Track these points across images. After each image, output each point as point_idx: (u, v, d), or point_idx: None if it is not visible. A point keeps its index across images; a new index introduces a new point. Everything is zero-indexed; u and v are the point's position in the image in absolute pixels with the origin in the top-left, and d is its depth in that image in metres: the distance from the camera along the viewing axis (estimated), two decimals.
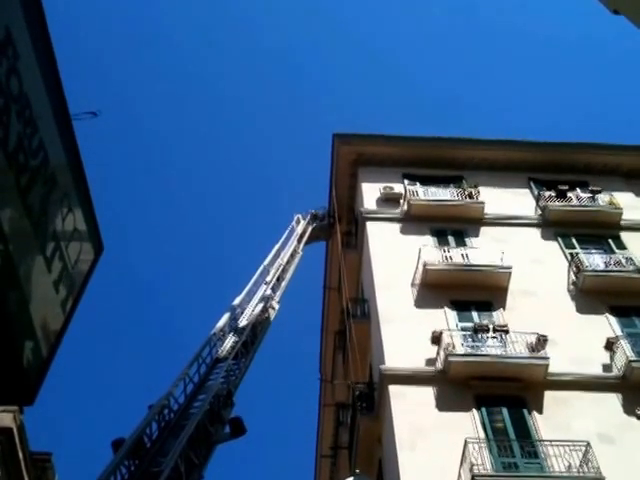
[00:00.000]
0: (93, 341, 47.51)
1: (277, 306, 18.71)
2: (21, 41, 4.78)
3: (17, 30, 4.73)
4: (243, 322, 17.16)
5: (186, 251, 52.76)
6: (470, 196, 21.98)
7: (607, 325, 17.91)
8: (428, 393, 16.04)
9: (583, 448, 14.44)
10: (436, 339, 16.83)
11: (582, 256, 19.72)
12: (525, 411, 15.77)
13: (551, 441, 14.71)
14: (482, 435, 15.01)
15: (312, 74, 54.51)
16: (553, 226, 21.28)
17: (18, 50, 4.73)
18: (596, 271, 19.11)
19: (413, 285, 19.03)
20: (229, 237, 53.07)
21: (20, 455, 10.65)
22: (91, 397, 46.23)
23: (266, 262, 20.11)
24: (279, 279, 20.00)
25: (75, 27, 44.17)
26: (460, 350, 16.62)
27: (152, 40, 52.97)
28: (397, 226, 21.39)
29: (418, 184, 22.81)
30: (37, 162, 5.03)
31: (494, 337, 17.06)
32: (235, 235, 52.49)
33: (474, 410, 15.64)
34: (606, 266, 19.42)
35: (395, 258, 19.93)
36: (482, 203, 21.66)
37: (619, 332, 17.58)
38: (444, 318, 17.90)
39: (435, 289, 18.61)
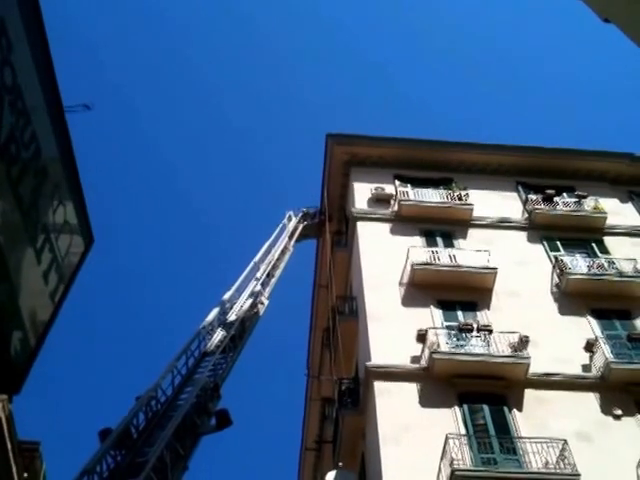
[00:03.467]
0: (83, 331, 47.69)
1: (266, 302, 18.97)
2: (15, 33, 4.76)
3: (11, 21, 4.71)
4: (232, 317, 17.40)
5: (177, 245, 52.95)
6: (459, 198, 22.31)
7: (588, 327, 18.30)
8: (412, 390, 16.36)
9: (560, 445, 14.80)
10: (421, 337, 17.16)
11: (566, 259, 20.12)
12: (505, 409, 16.13)
13: (529, 438, 15.07)
14: (463, 431, 15.36)
15: (309, 75, 54.77)
16: (539, 229, 21.66)
17: (12, 42, 4.70)
18: (579, 274, 19.51)
19: (401, 284, 19.34)
20: (221, 232, 53.28)
21: (8, 444, 10.77)
22: (79, 387, 46.48)
23: (257, 258, 20.36)
24: (269, 275, 20.25)
25: (70, 19, 44.28)
26: (444, 348, 16.95)
27: (148, 34, 53.14)
28: (387, 226, 21.69)
29: (409, 185, 23.12)
30: (29, 154, 4.99)
31: (478, 336, 17.41)
32: (227, 231, 52.73)
33: (456, 407, 15.97)
34: (589, 270, 19.79)
35: (384, 257, 20.24)
36: (471, 205, 22.00)
37: (599, 334, 17.99)
38: (430, 317, 18.23)
39: (422, 289, 18.94)
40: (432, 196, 22.48)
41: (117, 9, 50.70)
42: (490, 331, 17.46)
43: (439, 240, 21.20)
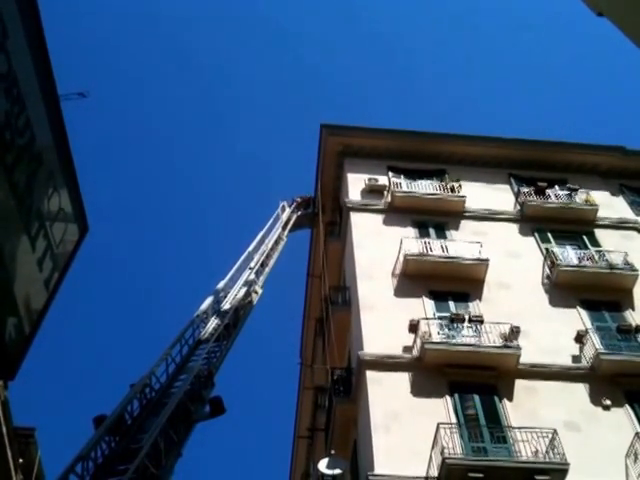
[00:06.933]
0: (78, 318, 47.72)
1: (260, 291, 19.06)
2: (10, 19, 4.80)
3: (6, 8, 4.76)
4: (226, 305, 17.49)
5: (172, 234, 52.93)
6: (452, 190, 22.39)
7: (578, 318, 18.46)
8: (404, 379, 16.47)
9: (550, 435, 14.92)
10: (413, 327, 17.27)
11: (557, 251, 20.26)
12: (496, 398, 16.27)
13: (519, 427, 15.21)
14: (454, 420, 15.49)
15: (305, 66, 54.62)
16: (530, 221, 21.78)
17: (7, 28, 4.75)
18: (569, 266, 19.65)
19: (393, 275, 19.42)
20: (215, 222, 53.26)
21: (4, 429, 10.83)
22: (75, 374, 46.60)
23: (251, 248, 20.43)
24: (263, 265, 20.33)
25: (66, 6, 43.94)
26: (436, 338, 17.06)
27: (145, 23, 52.79)
28: (380, 217, 21.76)
29: (402, 177, 23.19)
30: (23, 141, 5.04)
31: (469, 327, 17.53)
32: (221, 220, 52.69)
33: (447, 396, 16.10)
34: (579, 261, 19.97)
35: (377, 248, 20.32)
36: (463, 197, 22.09)
37: (589, 325, 18.17)
38: (422, 307, 18.32)
39: (414, 279, 19.03)
40: (425, 187, 22.58)
41: None
42: (481, 322, 17.59)
43: (432, 231, 21.30)
